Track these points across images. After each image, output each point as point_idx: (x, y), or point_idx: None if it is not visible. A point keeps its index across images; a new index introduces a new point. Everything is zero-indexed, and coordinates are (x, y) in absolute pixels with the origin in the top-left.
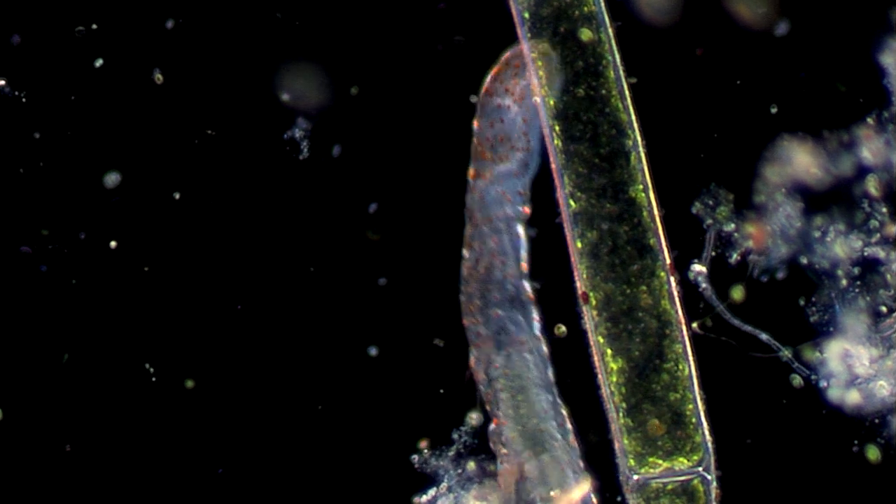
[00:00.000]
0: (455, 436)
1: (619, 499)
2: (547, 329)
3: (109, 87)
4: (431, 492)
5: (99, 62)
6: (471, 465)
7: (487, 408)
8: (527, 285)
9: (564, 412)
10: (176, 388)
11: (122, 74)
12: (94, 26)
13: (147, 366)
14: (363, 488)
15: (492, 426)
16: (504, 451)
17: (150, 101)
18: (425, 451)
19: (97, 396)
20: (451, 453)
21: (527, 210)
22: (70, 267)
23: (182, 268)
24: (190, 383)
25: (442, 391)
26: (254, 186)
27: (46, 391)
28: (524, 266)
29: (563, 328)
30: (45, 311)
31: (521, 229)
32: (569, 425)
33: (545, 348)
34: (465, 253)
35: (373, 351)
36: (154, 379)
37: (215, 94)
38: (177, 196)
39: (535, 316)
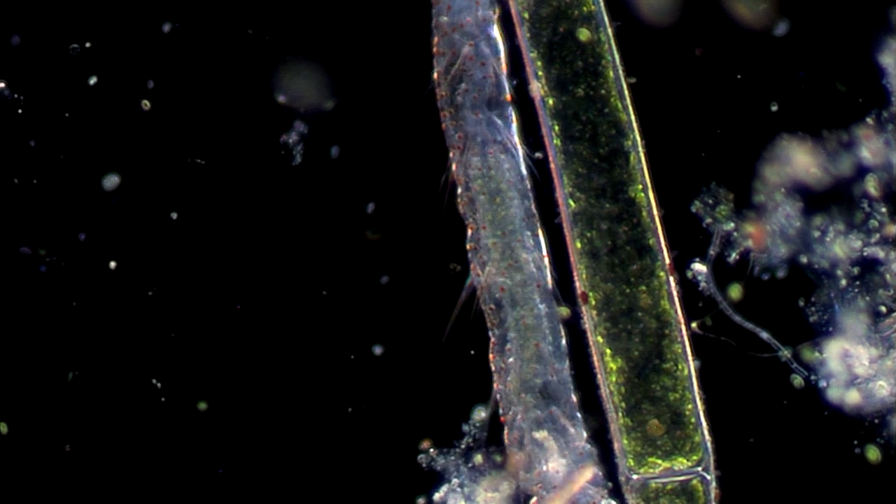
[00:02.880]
0: (463, 429)
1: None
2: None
3: (108, 87)
4: (443, 489)
5: (95, 70)
6: (479, 458)
7: (466, 223)
8: (507, 86)
9: (538, 225)
10: (178, 388)
11: (120, 76)
12: (88, 45)
13: (154, 381)
14: (369, 488)
15: (469, 232)
16: (481, 257)
17: (150, 101)
18: (431, 449)
19: (95, 396)
20: (458, 449)
21: (496, 13)
22: (70, 270)
23: (185, 270)
24: (193, 384)
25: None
26: (254, 188)
27: (45, 394)
28: (504, 67)
29: (567, 310)
30: (45, 314)
31: (495, 31)
32: (542, 240)
33: (522, 152)
34: (435, 61)
35: (377, 350)
36: (159, 385)
37: (213, 97)
38: (177, 195)
39: (514, 118)
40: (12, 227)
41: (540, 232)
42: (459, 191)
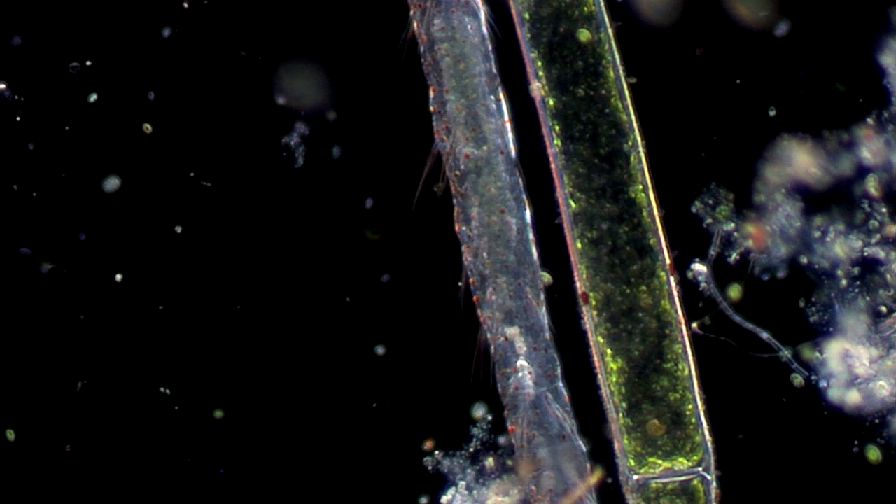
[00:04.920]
0: (470, 432)
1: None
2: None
3: (107, 89)
4: (450, 492)
5: (94, 69)
6: (489, 462)
7: (429, 84)
8: None
9: (501, 89)
10: (180, 389)
11: (120, 78)
12: (89, 63)
13: (163, 389)
14: (373, 490)
15: (431, 94)
16: (445, 122)
17: (151, 103)
18: (437, 452)
19: (103, 405)
20: (466, 451)
21: None
22: (74, 276)
23: (186, 273)
24: (195, 385)
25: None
26: (255, 189)
27: (54, 403)
28: None
29: (549, 277)
30: (51, 323)
31: None
32: (504, 105)
33: (484, 10)
34: None
35: (380, 350)
36: (167, 392)
37: (214, 98)
38: (179, 197)
39: None
40: (12, 228)
41: (502, 96)
42: (422, 50)
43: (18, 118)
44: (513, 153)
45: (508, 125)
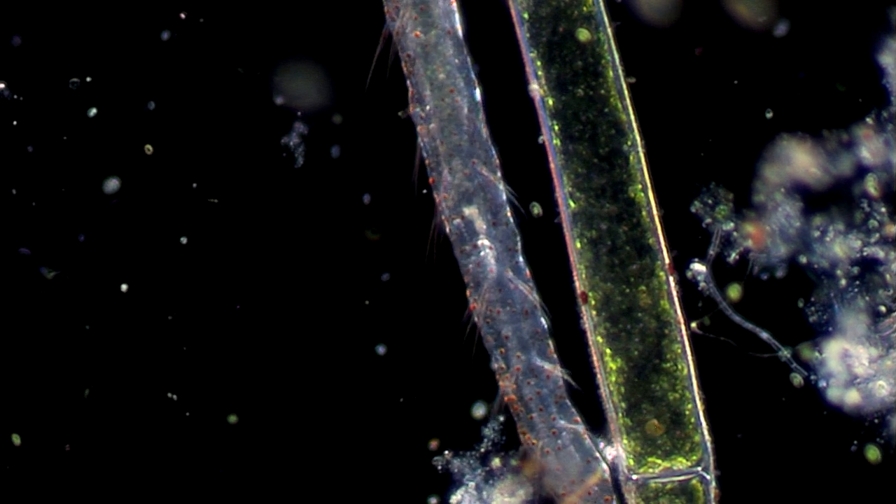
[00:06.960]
0: (479, 433)
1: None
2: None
3: (107, 94)
4: (459, 492)
5: (94, 69)
6: (496, 462)
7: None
8: None
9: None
10: (182, 390)
11: (118, 77)
12: (89, 79)
13: (170, 395)
14: (382, 490)
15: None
16: (394, 3)
17: (150, 101)
18: (447, 452)
19: (107, 410)
20: (474, 452)
21: None
22: (72, 275)
23: (183, 271)
24: (197, 386)
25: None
26: (254, 189)
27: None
28: None
29: (539, 208)
30: (48, 319)
31: None
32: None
33: None
34: None
35: (381, 350)
36: (175, 397)
37: (212, 99)
38: (180, 198)
39: None
40: (11, 228)
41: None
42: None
43: (17, 121)
44: (460, 34)
45: (455, 5)
